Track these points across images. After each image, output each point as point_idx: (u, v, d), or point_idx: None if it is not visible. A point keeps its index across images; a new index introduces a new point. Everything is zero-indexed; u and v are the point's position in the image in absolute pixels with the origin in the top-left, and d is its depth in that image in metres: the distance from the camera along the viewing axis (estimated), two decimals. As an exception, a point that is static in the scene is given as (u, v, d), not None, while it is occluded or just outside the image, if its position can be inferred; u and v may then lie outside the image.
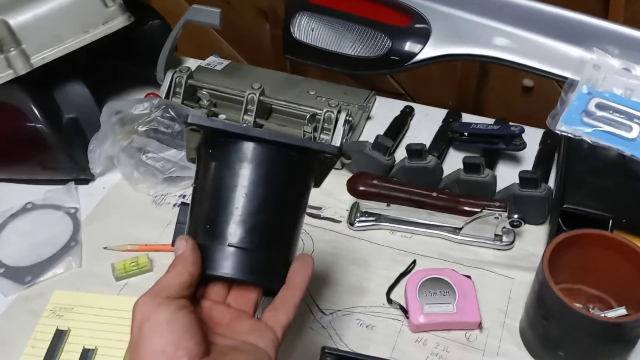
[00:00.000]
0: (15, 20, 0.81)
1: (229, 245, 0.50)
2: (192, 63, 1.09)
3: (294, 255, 0.54)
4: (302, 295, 0.52)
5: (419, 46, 0.94)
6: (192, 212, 0.54)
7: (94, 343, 0.70)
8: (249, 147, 0.51)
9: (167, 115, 0.88)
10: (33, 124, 0.84)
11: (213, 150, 0.53)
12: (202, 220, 0.52)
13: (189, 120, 0.50)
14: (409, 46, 0.95)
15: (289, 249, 0.54)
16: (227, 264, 0.50)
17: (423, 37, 0.94)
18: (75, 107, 0.89)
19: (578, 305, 0.70)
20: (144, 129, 0.87)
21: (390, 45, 0.96)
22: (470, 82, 1.43)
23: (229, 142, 0.52)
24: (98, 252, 0.81)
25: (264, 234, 0.51)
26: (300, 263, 0.53)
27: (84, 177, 0.90)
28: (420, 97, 1.50)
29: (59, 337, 0.71)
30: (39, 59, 0.84)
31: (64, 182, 0.90)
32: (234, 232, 0.50)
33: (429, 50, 0.94)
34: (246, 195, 0.51)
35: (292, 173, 0.53)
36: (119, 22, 0.88)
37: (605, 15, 1.19)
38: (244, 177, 0.51)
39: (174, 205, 0.88)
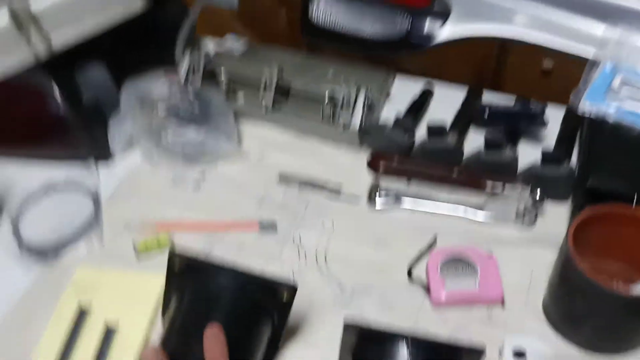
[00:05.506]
0: (37, 5, 0.82)
1: None
2: (210, 44, 1.09)
3: None
4: None
5: (439, 27, 0.93)
6: None
7: (116, 320, 0.71)
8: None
9: (187, 96, 0.88)
10: (54, 105, 0.84)
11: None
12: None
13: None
14: (428, 27, 0.94)
15: None
16: None
17: (443, 17, 0.93)
18: (95, 88, 0.89)
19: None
20: (163, 109, 0.87)
21: (410, 26, 0.95)
22: (489, 62, 1.42)
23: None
24: (119, 231, 0.81)
25: None
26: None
27: (105, 157, 0.91)
28: (439, 76, 1.48)
29: (81, 315, 0.72)
30: (60, 42, 0.84)
31: (84, 162, 0.90)
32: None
33: (449, 31, 0.93)
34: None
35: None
36: (139, 6, 0.88)
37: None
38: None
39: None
